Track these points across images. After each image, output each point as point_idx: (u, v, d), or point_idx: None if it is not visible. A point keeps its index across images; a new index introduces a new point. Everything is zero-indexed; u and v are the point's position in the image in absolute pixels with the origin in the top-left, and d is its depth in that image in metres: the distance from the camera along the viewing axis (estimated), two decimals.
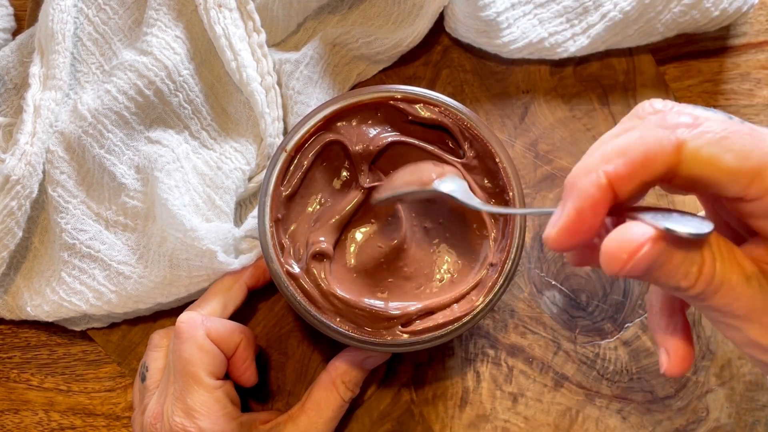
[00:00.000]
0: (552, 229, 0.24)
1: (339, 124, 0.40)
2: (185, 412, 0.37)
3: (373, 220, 0.41)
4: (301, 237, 0.40)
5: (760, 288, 0.23)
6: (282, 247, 0.38)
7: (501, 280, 0.37)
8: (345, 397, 0.39)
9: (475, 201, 0.34)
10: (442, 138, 0.41)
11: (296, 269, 0.38)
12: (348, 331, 0.37)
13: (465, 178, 0.39)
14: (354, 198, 0.40)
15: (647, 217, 0.23)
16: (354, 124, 0.40)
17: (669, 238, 0.22)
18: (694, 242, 0.23)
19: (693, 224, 0.23)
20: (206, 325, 0.39)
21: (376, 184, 0.40)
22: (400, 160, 0.41)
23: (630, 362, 0.44)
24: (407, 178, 0.38)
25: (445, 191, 0.34)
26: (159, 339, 0.42)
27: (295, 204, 0.40)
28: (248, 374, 0.41)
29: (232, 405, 0.39)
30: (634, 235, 0.22)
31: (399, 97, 0.39)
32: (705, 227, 0.23)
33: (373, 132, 0.40)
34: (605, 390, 0.44)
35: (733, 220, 0.28)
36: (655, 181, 0.24)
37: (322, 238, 0.39)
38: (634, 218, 0.23)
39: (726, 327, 0.25)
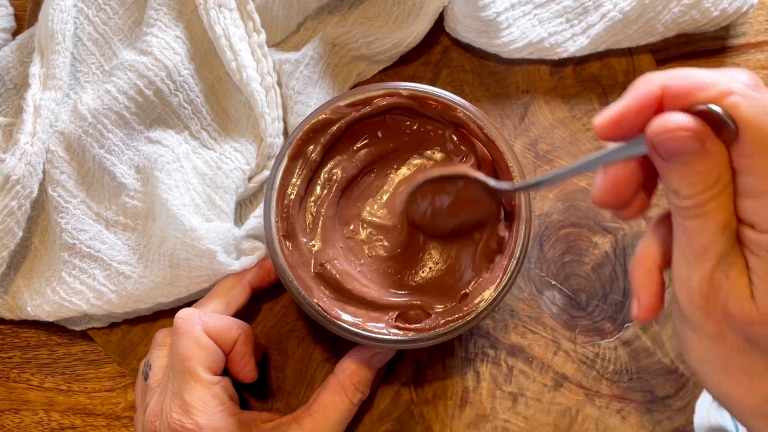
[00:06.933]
0: (600, 117, 0.25)
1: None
2: (182, 408, 0.36)
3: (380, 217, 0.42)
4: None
5: (727, 240, 0.24)
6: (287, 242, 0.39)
7: (505, 279, 0.37)
8: (354, 399, 0.39)
9: (503, 183, 0.37)
10: (443, 138, 0.41)
11: None
12: (351, 326, 0.37)
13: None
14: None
15: None
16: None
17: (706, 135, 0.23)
18: (717, 160, 0.24)
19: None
20: (203, 321, 0.39)
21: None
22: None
23: (630, 362, 0.44)
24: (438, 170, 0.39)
25: (476, 175, 0.37)
26: (163, 337, 0.41)
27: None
28: (247, 370, 0.41)
29: (230, 401, 0.38)
30: (690, 122, 0.23)
31: (406, 94, 0.39)
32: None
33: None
34: (605, 390, 0.44)
35: None
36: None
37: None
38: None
39: (679, 246, 0.26)
